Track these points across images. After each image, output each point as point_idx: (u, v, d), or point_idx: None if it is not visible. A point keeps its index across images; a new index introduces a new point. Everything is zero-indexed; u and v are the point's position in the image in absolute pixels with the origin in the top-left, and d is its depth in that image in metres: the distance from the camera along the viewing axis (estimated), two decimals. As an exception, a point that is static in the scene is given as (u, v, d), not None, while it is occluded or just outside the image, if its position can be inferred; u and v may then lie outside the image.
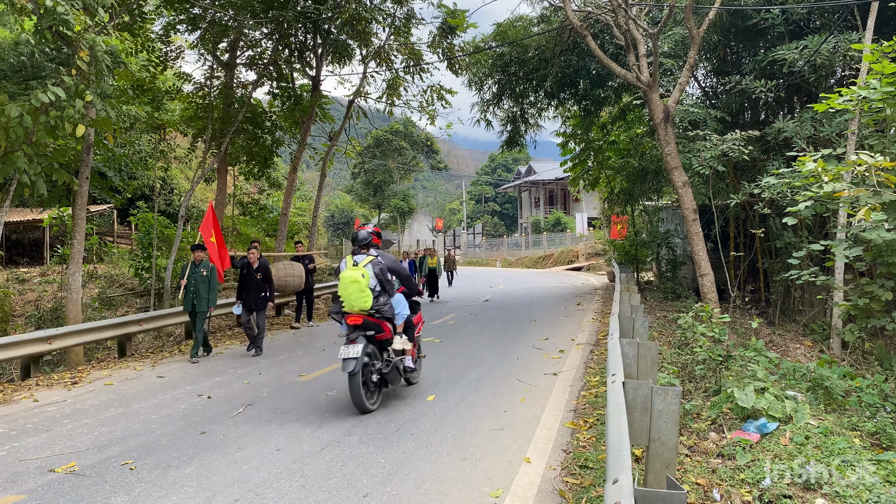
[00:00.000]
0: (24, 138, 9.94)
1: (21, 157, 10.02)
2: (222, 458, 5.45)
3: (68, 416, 7.00)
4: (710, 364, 7.75)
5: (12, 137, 9.64)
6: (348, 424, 6.41)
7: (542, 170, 59.59)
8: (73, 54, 10.24)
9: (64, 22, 9.35)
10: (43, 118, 9.76)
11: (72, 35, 9.80)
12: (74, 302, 11.80)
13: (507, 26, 18.82)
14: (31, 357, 9.53)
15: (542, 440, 5.85)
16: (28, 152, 10.16)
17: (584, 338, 11.99)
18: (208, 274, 10.65)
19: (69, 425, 6.63)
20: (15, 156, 10.02)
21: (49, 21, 9.52)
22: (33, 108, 9.53)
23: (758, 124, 14.36)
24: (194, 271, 10.56)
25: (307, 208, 35.16)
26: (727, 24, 14.45)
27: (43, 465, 5.37)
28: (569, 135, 23.61)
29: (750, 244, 15.91)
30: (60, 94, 9.20)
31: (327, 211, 66.22)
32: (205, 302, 10.53)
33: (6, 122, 9.43)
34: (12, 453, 5.71)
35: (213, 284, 10.68)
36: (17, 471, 5.23)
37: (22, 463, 5.43)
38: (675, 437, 4.28)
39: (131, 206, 24.28)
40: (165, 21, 16.84)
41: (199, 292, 10.49)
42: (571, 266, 41.10)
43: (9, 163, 10.17)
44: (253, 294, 10.92)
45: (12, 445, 5.95)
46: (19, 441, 6.08)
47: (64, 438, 6.14)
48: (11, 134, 9.54)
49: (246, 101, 17.63)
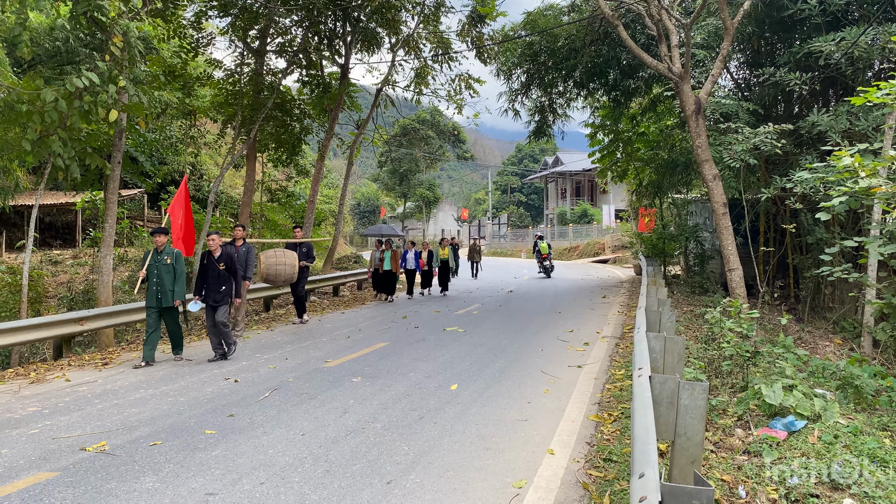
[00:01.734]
0: (58, 122, 10.11)
1: (56, 140, 10.20)
2: (248, 441, 5.52)
3: (99, 397, 7.14)
4: (737, 360, 7.67)
5: (47, 121, 9.82)
6: (373, 411, 6.46)
7: (569, 160, 59.17)
8: (106, 40, 10.37)
9: (98, 8, 9.49)
10: (77, 103, 9.91)
11: (106, 21, 9.94)
12: (105, 284, 12.01)
13: (538, 15, 18.66)
14: (63, 338, 9.72)
15: (565, 432, 5.84)
16: (62, 136, 10.34)
17: (609, 331, 11.92)
18: (173, 262, 9.17)
19: (100, 405, 6.76)
20: (50, 139, 10.21)
21: (84, 7, 9.66)
22: (68, 92, 9.68)
23: (791, 117, 14.10)
24: (157, 259, 9.11)
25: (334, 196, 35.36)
26: (762, 14, 14.18)
27: (74, 443, 5.49)
28: (597, 126, 23.43)
29: (780, 239, 15.67)
30: (94, 80, 9.33)
31: (353, 199, 66.63)
32: (171, 296, 9.06)
33: (41, 107, 9.60)
34: (45, 431, 5.84)
35: (179, 274, 9.20)
36: (50, 448, 5.35)
37: (54, 441, 5.55)
38: (702, 433, 4.24)
39: (161, 191, 24.66)
40: (197, 7, 16.98)
41: (164, 284, 9.02)
42: (597, 258, 40.84)
43: (44, 146, 10.37)
44: (213, 288, 9.36)
45: (45, 423, 6.08)
46: (52, 419, 6.22)
47: (95, 418, 6.26)
48: (47, 118, 9.71)
49: (275, 88, 17.74)
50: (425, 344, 10.54)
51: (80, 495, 4.40)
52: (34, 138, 10.18)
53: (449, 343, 10.59)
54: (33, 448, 5.37)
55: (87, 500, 4.34)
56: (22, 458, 5.15)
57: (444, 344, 10.50)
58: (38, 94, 9.74)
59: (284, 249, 12.76)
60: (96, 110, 10.26)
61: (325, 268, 21.91)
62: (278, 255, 12.36)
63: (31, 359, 10.14)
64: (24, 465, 4.99)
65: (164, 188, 24.41)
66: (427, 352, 9.80)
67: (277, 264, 12.19)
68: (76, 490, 4.49)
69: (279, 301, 16.69)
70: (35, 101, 9.87)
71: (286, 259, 12.32)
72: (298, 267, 12.65)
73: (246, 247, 11.36)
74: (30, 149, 10.24)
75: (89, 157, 11.67)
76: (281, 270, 12.23)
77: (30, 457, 5.16)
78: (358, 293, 19.71)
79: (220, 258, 9.43)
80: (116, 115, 10.49)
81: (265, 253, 12.41)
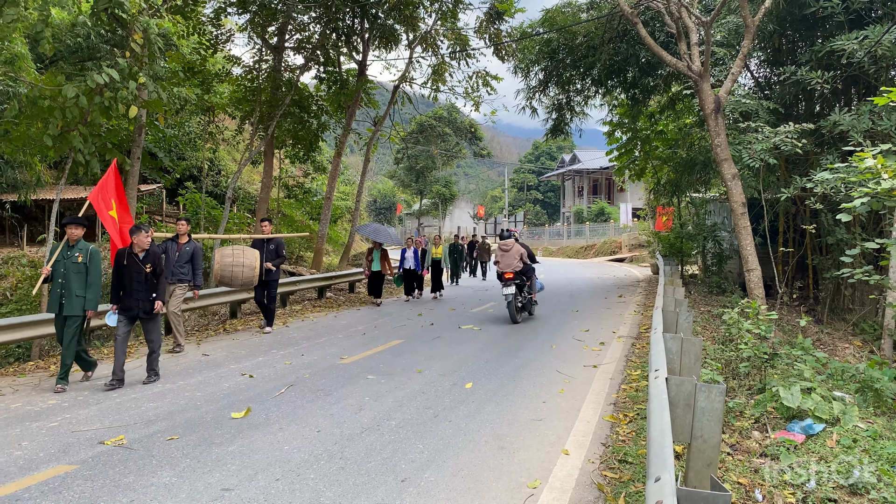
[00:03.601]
0: (79, 118, 10.23)
1: (76, 136, 10.31)
2: (264, 437, 5.56)
3: (117, 390, 7.21)
4: (754, 362, 7.60)
5: (68, 117, 9.94)
6: (388, 409, 6.47)
7: (586, 158, 58.93)
8: (127, 36, 10.46)
9: (119, 5, 9.58)
10: (98, 99, 10.01)
11: (127, 18, 10.02)
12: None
13: (556, 12, 18.57)
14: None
15: (580, 433, 5.82)
16: (83, 132, 10.45)
17: (625, 330, 11.86)
18: (86, 260, 7.56)
19: (118, 399, 6.83)
20: (71, 135, 10.32)
21: (105, 3, 9.76)
22: (89, 89, 9.78)
23: (812, 116, 13.92)
24: (66, 256, 7.53)
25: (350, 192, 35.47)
26: (783, 12, 14.00)
27: (93, 437, 5.55)
28: (615, 123, 23.32)
29: (800, 239, 15.50)
30: (115, 76, 9.43)
31: (370, 195, 66.77)
32: (79, 302, 7.44)
33: (63, 103, 9.71)
34: (64, 424, 5.91)
35: (93, 277, 7.58)
36: (69, 442, 5.42)
37: (73, 434, 5.62)
38: (718, 436, 4.20)
39: (180, 187, 24.84)
40: (216, 4, 17.10)
41: (71, 287, 7.41)
42: (614, 257, 40.65)
43: (65, 142, 10.49)
44: (136, 296, 7.52)
45: (64, 417, 6.16)
46: (71, 413, 6.29)
47: (113, 412, 6.33)
48: (68, 114, 9.83)
49: (293, 85, 17.82)
50: (440, 341, 10.55)
51: (98, 489, 4.46)
52: (55, 134, 10.30)
53: (464, 341, 10.59)
54: (53, 441, 5.44)
55: (105, 493, 4.38)
56: (42, 450, 5.21)
57: (459, 342, 10.51)
58: (59, 90, 9.86)
59: (245, 248, 11.07)
60: (116, 106, 10.36)
61: (340, 264, 22.00)
62: (235, 253, 10.78)
63: (51, 352, 10.25)
64: (43, 457, 5.05)
65: (182, 183, 24.60)
66: (442, 349, 9.81)
67: (234, 265, 10.64)
68: (94, 483, 4.55)
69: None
70: (56, 97, 9.98)
71: (245, 259, 10.72)
72: (265, 268, 11.22)
73: (192, 245, 9.91)
74: (51, 144, 10.37)
75: (109, 153, 11.79)
76: (238, 273, 10.65)
77: (49, 449, 5.23)
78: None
79: (145, 258, 7.63)
80: (136, 111, 10.59)
81: (220, 251, 10.88)
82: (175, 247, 9.82)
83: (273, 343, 10.43)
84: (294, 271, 20.45)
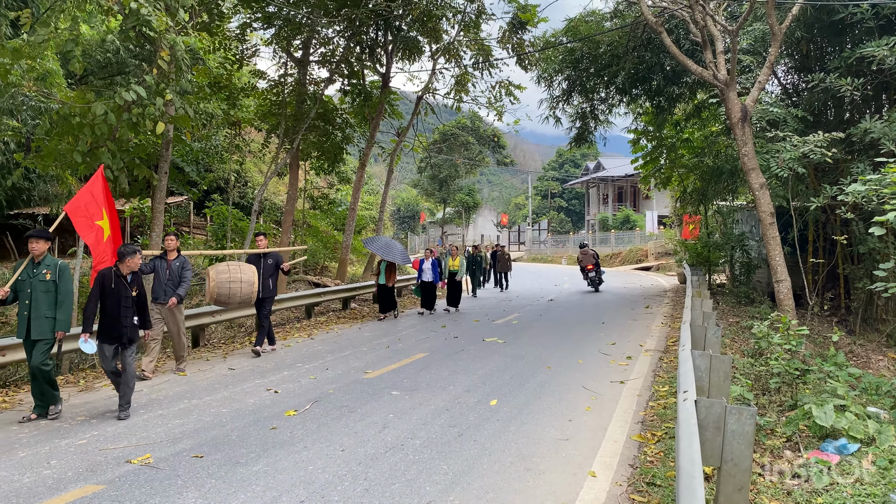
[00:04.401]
0: (108, 134, 10.38)
1: (105, 152, 10.46)
2: (289, 456, 5.55)
3: (144, 407, 7.27)
4: (785, 377, 7.45)
5: (97, 134, 10.09)
6: (412, 427, 6.44)
7: (611, 166, 58.51)
8: (155, 51, 10.61)
9: (147, 23, 9.70)
10: (126, 115, 10.16)
11: (154, 35, 10.16)
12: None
13: (579, 21, 18.51)
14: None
15: (608, 453, 5.73)
16: (112, 148, 10.60)
17: (652, 344, 11.71)
18: (55, 277, 6.81)
19: (145, 416, 6.88)
20: (100, 151, 10.47)
21: (133, 21, 9.89)
22: (117, 106, 9.93)
23: (842, 124, 13.68)
24: (31, 275, 6.77)
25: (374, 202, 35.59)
26: (811, 18, 13.80)
27: (120, 455, 5.59)
28: (640, 132, 23.15)
29: (830, 249, 15.22)
30: (142, 93, 9.55)
31: (394, 205, 66.99)
32: (48, 324, 6.73)
33: (92, 120, 9.86)
34: (92, 442, 5.96)
35: (63, 295, 6.84)
36: (97, 460, 5.46)
37: (101, 452, 5.66)
38: (749, 459, 4.11)
39: (207, 199, 25.14)
40: (242, 19, 17.30)
41: (39, 308, 6.69)
42: (640, 265, 40.26)
43: (94, 157, 10.64)
44: (124, 322, 6.93)
45: (92, 434, 6.21)
46: (99, 430, 6.35)
47: (140, 429, 6.37)
48: (97, 130, 9.98)
49: (318, 98, 17.94)
50: (464, 355, 10.50)
51: (124, 510, 4.48)
52: (85, 150, 10.46)
53: (488, 355, 10.53)
54: (81, 460, 5.49)
55: (131, 515, 4.40)
56: (70, 469, 5.26)
57: (484, 356, 10.45)
58: (88, 107, 10.02)
59: (240, 263, 10.42)
60: (144, 122, 10.50)
61: (364, 275, 22.05)
62: (232, 269, 10.04)
63: (80, 365, 10.37)
64: (71, 476, 5.10)
65: (209, 195, 24.89)
66: (466, 364, 9.76)
67: (231, 281, 9.91)
68: (121, 504, 4.57)
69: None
70: (86, 114, 10.14)
71: (242, 275, 10.03)
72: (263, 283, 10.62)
73: (180, 260, 9.43)
74: (80, 160, 10.53)
75: (137, 168, 11.96)
76: (235, 289, 9.94)
77: (77, 468, 5.27)
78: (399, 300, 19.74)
79: (133, 281, 7.07)
80: (163, 127, 10.73)
81: (215, 268, 10.05)
82: (164, 264, 9.31)
83: (298, 356, 10.46)
84: (319, 282, 20.54)
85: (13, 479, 5.05)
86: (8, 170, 17.64)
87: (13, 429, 6.40)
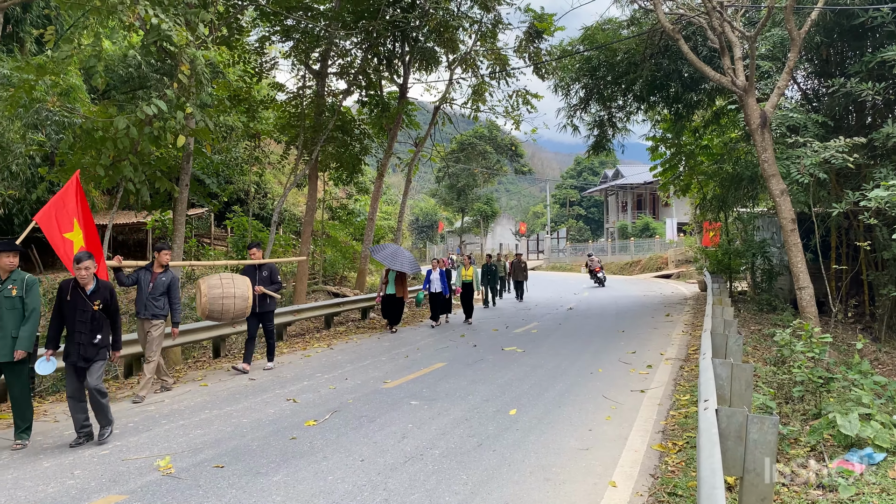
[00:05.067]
0: (130, 148, 10.53)
1: (127, 165, 10.62)
2: (308, 466, 5.57)
3: (166, 417, 7.33)
4: (809, 385, 7.35)
5: (120, 147, 10.24)
6: (431, 437, 6.43)
7: (629, 173, 58.24)
8: (175, 66, 10.77)
9: (167, 38, 9.84)
10: (147, 129, 10.30)
11: (175, 50, 10.30)
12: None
13: (596, 30, 18.51)
14: (133, 356, 10.04)
15: (628, 463, 5.69)
16: (133, 161, 10.76)
17: (673, 352, 11.61)
18: (21, 293, 6.32)
19: (167, 426, 6.94)
20: (122, 165, 10.63)
21: (154, 37, 10.04)
22: (139, 119, 10.07)
23: (864, 129, 13.54)
24: None
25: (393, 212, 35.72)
26: (831, 23, 13.68)
27: (142, 465, 5.64)
28: (659, 139, 23.05)
29: (853, 255, 15.02)
30: (163, 107, 9.68)
31: (412, 214, 67.15)
32: (9, 344, 6.18)
33: (114, 134, 10.01)
34: (115, 452, 6.02)
35: (30, 312, 6.33)
36: (120, 470, 5.52)
37: (124, 462, 5.72)
38: (772, 469, 4.06)
39: (227, 210, 25.40)
40: (261, 33, 17.51)
41: (6, 327, 6.19)
42: (660, 273, 39.96)
43: (116, 171, 10.81)
44: (77, 339, 6.35)
45: (115, 444, 6.28)
46: (122, 440, 6.41)
47: (162, 439, 6.43)
48: (119, 144, 10.13)
49: (336, 109, 18.08)
50: (483, 365, 10.48)
51: (146, 520, 4.51)
52: (108, 163, 10.63)
53: (507, 364, 10.50)
54: (104, 469, 5.54)
55: (153, 524, 4.44)
56: (94, 479, 5.32)
57: (503, 365, 10.42)
58: (111, 121, 10.18)
59: (234, 275, 9.77)
60: (165, 136, 10.64)
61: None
62: (225, 283, 9.37)
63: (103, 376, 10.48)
64: (95, 486, 5.15)
65: (229, 207, 25.14)
66: (485, 373, 9.74)
67: (224, 296, 9.25)
68: (143, 514, 4.61)
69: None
70: (108, 129, 10.30)
71: (235, 289, 9.36)
72: (259, 294, 9.98)
73: (168, 275, 8.67)
74: (103, 174, 10.69)
75: (159, 181, 12.11)
76: (228, 304, 9.27)
77: (101, 478, 5.33)
78: (416, 310, 19.77)
79: (94, 292, 6.48)
80: (184, 140, 10.86)
81: (206, 281, 9.40)
82: (149, 277, 8.56)
83: (317, 366, 10.50)
84: (338, 292, 20.65)
85: (38, 489, 5.12)
86: (33, 183, 17.95)
87: (37, 439, 6.49)
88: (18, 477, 5.39)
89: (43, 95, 11.34)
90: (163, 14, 9.38)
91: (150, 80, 14.60)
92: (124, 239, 27.80)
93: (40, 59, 10.92)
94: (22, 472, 5.49)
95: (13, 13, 19.42)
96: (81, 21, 10.65)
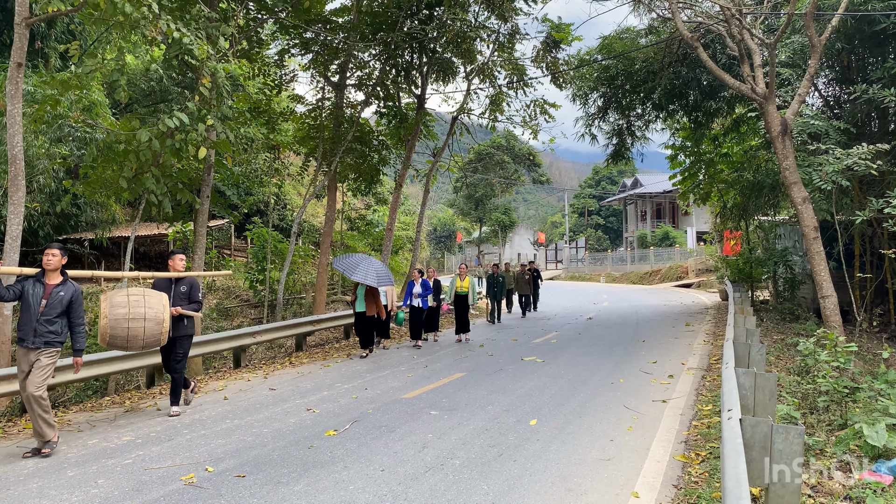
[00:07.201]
0: (152, 161, 10.66)
1: (149, 178, 10.74)
2: (329, 476, 5.57)
3: (188, 427, 7.38)
4: (834, 395, 7.23)
5: (142, 160, 10.37)
6: (451, 447, 6.41)
7: (648, 182, 57.94)
8: (196, 79, 10.90)
9: (189, 52, 9.97)
10: (169, 142, 10.42)
11: (196, 63, 10.44)
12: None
13: (613, 39, 18.49)
14: (155, 367, 10.12)
15: (651, 473, 5.63)
16: (155, 174, 10.88)
17: (695, 362, 11.50)
18: None
19: (189, 436, 6.98)
20: (144, 177, 10.76)
21: (176, 50, 10.20)
22: (161, 132, 10.20)
23: (887, 135, 13.36)
24: None
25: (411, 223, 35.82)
26: (851, 29, 13.56)
27: (165, 475, 5.67)
28: (678, 147, 22.93)
29: (878, 263, 14.81)
30: (185, 120, 9.79)
31: (430, 224, 67.24)
32: None
33: (137, 146, 10.15)
34: (138, 462, 6.07)
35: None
36: (143, 480, 5.55)
37: (146, 472, 5.75)
38: (798, 480, 4.00)
39: (247, 221, 25.58)
40: (280, 46, 17.69)
41: None
42: (680, 282, 39.64)
43: (139, 183, 10.94)
44: None
45: (138, 454, 6.32)
46: (144, 450, 6.46)
47: (184, 449, 6.47)
48: (141, 157, 10.25)
49: (354, 121, 18.18)
50: (503, 375, 10.44)
51: (169, 529, 4.53)
52: (130, 176, 10.76)
53: (527, 374, 10.45)
54: (127, 479, 5.58)
55: (176, 534, 4.45)
56: (117, 489, 5.35)
57: (523, 375, 10.37)
58: (133, 134, 10.32)
59: (146, 290, 7.58)
60: (187, 148, 10.76)
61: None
62: (133, 302, 7.34)
63: (126, 386, 10.60)
64: (118, 496, 5.19)
65: (249, 218, 25.34)
66: (505, 383, 9.70)
67: (131, 319, 7.27)
68: (166, 523, 4.63)
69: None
70: (131, 142, 10.44)
71: (147, 309, 7.37)
72: (173, 319, 7.82)
73: (68, 288, 6.63)
74: (126, 186, 10.83)
75: (180, 193, 12.24)
76: (137, 330, 7.31)
77: (124, 488, 5.36)
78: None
79: None
80: (205, 152, 10.97)
81: (109, 299, 7.40)
82: (41, 291, 6.46)
83: (338, 376, 10.51)
84: (357, 303, 20.65)
85: (62, 498, 5.16)
86: (58, 196, 18.22)
87: (61, 448, 6.55)
88: (43, 486, 5.44)
89: (66, 111, 11.52)
90: (184, 28, 9.50)
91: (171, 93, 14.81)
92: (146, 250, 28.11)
93: (64, 76, 11.10)
94: (46, 482, 5.55)
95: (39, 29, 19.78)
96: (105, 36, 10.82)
